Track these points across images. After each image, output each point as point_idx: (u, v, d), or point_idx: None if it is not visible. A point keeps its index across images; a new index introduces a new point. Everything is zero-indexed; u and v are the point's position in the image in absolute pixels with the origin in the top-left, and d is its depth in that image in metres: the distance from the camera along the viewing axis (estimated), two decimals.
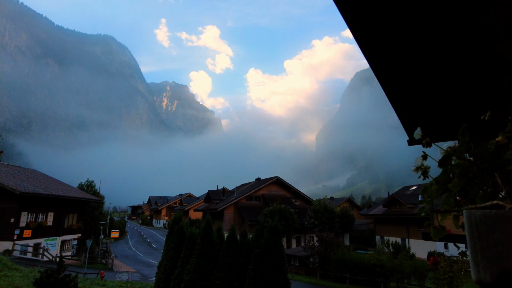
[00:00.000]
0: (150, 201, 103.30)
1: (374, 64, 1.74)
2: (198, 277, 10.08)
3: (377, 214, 43.84)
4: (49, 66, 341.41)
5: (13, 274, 15.19)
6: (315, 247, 27.55)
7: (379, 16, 1.41)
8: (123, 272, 24.60)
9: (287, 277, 9.31)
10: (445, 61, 1.73)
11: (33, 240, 26.01)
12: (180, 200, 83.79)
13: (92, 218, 36.12)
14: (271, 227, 9.68)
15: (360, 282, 23.52)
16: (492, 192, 0.72)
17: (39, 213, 27.27)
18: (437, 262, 17.22)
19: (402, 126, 2.52)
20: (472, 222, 0.65)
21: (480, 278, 0.62)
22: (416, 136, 0.84)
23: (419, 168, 0.83)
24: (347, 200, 69.49)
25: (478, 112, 2.05)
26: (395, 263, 22.13)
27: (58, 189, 30.40)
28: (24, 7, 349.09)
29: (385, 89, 2.00)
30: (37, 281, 9.68)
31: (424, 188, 0.82)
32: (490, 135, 0.90)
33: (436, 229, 0.79)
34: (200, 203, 56.64)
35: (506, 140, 0.70)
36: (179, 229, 12.17)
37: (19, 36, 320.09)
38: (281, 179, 44.16)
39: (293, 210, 35.24)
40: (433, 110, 2.34)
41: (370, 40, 1.58)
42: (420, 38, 1.56)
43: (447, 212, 0.77)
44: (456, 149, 0.76)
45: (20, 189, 24.17)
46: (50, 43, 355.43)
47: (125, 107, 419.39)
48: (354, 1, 1.33)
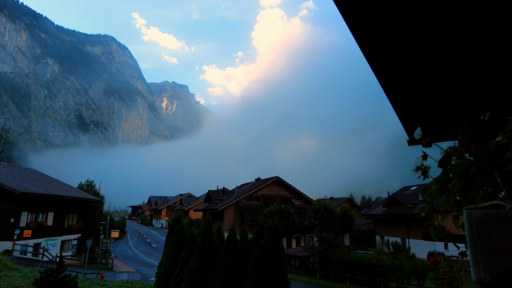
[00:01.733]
0: (150, 201, 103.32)
1: (375, 64, 1.74)
2: (198, 277, 10.07)
3: (377, 214, 43.85)
4: (49, 66, 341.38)
5: (13, 274, 15.20)
6: (315, 247, 27.55)
7: (379, 16, 1.41)
8: (123, 272, 24.60)
9: (287, 277, 9.31)
10: (445, 61, 1.74)
11: (33, 240, 26.01)
12: (180, 200, 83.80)
13: (92, 218, 36.14)
14: (271, 227, 9.68)
15: (360, 282, 23.52)
16: (492, 192, 0.72)
17: (39, 213, 27.27)
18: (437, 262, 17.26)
19: (402, 126, 2.53)
20: (472, 222, 0.65)
21: (480, 278, 0.62)
22: (416, 136, 0.84)
23: (419, 168, 0.83)
24: (347, 200, 69.49)
25: (478, 112, 2.05)
26: (395, 263, 22.13)
27: (58, 189, 30.41)
28: (24, 7, 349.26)
29: (385, 89, 2.00)
30: (37, 281, 9.68)
31: (424, 188, 0.82)
32: (490, 135, 0.90)
33: (436, 229, 0.79)
34: (200, 203, 56.66)
35: (506, 140, 0.70)
36: (179, 229, 12.17)
37: (19, 36, 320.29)
38: (281, 179, 44.15)
39: (293, 210, 35.24)
40: (433, 110, 2.34)
41: (370, 40, 1.58)
42: (420, 38, 1.56)
43: (447, 212, 0.78)
44: (456, 149, 0.76)
45: (20, 189, 24.16)
46: (50, 43, 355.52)
47: (125, 107, 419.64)
48: (354, 1, 1.33)
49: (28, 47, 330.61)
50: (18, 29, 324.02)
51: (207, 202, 48.90)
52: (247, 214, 38.60)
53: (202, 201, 54.00)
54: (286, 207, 34.54)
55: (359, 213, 56.66)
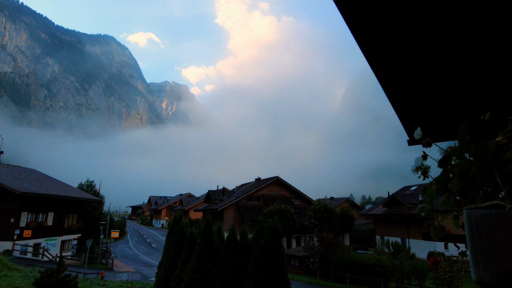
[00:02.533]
0: (150, 201, 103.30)
1: (375, 64, 1.74)
2: (198, 277, 10.08)
3: (377, 214, 43.84)
4: (49, 66, 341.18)
5: (13, 274, 15.20)
6: (315, 247, 27.55)
7: (379, 16, 1.41)
8: (123, 272, 24.60)
9: (287, 277, 9.31)
10: (445, 61, 1.74)
11: (33, 240, 26.01)
12: (180, 200, 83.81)
13: (92, 218, 36.13)
14: (271, 227, 9.67)
15: (360, 282, 23.52)
16: (492, 192, 0.72)
17: (39, 213, 27.27)
18: (437, 262, 17.21)
19: (402, 126, 2.53)
20: (472, 222, 0.65)
21: (480, 278, 0.62)
22: (416, 136, 0.84)
23: (419, 168, 0.83)
24: (347, 200, 69.49)
25: (478, 112, 2.05)
26: (395, 263, 22.12)
27: (58, 189, 30.41)
28: (24, 7, 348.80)
29: (385, 90, 2.00)
30: (37, 281, 9.68)
31: (424, 188, 0.82)
32: (490, 135, 0.90)
33: (436, 229, 0.79)
34: (200, 203, 56.65)
35: (506, 140, 0.70)
36: (179, 229, 12.17)
37: (19, 36, 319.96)
38: (281, 179, 44.15)
39: (293, 210, 35.25)
40: (433, 110, 2.34)
41: (370, 40, 1.58)
42: (421, 38, 1.56)
43: (447, 212, 0.78)
44: (456, 149, 0.76)
45: (20, 189, 24.16)
46: (50, 43, 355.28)
47: (125, 107, 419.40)
48: (354, 1, 1.33)
49: (28, 47, 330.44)
50: (18, 29, 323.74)
51: (207, 202, 48.90)
52: (247, 214, 38.60)
53: (202, 201, 53.99)
54: (286, 207, 34.54)
55: (359, 213, 56.65)
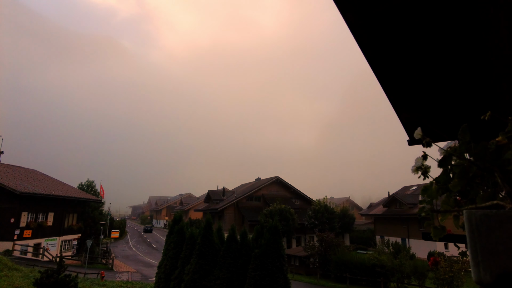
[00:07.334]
0: (150, 201, 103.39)
1: (375, 64, 1.74)
2: (198, 277, 10.07)
3: (377, 214, 43.84)
4: (49, 67, 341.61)
5: (13, 274, 15.20)
6: (315, 247, 27.54)
7: (380, 16, 1.41)
8: (123, 272, 24.60)
9: (287, 277, 9.31)
10: (445, 61, 1.74)
11: (33, 240, 26.00)
12: (180, 200, 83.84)
13: (92, 218, 36.13)
14: (271, 227, 9.67)
15: (360, 282, 23.51)
16: (492, 192, 0.72)
17: (39, 213, 27.27)
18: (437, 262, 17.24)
19: (403, 126, 2.52)
20: (472, 222, 0.65)
21: (481, 278, 0.62)
22: (416, 136, 0.84)
23: (419, 168, 0.83)
24: (347, 200, 69.48)
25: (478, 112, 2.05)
26: (395, 263, 22.11)
27: (58, 189, 30.41)
28: (24, 7, 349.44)
29: (385, 90, 2.00)
30: (37, 281, 9.68)
31: (424, 188, 0.82)
32: (490, 135, 0.90)
33: (436, 229, 0.79)
34: (200, 203, 56.67)
35: (506, 140, 0.70)
36: (179, 229, 12.16)
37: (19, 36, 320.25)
38: (281, 179, 44.16)
39: (293, 210, 35.26)
40: (433, 110, 2.34)
41: (371, 41, 1.58)
42: (420, 38, 1.56)
43: (447, 212, 0.77)
44: (456, 149, 0.76)
45: (20, 189, 24.16)
46: (50, 43, 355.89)
47: None
48: (355, 2, 1.33)
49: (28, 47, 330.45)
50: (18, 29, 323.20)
51: (207, 202, 48.89)
52: (247, 214, 38.60)
53: (202, 201, 54.01)
54: (286, 207, 34.54)
55: (359, 213, 56.65)
